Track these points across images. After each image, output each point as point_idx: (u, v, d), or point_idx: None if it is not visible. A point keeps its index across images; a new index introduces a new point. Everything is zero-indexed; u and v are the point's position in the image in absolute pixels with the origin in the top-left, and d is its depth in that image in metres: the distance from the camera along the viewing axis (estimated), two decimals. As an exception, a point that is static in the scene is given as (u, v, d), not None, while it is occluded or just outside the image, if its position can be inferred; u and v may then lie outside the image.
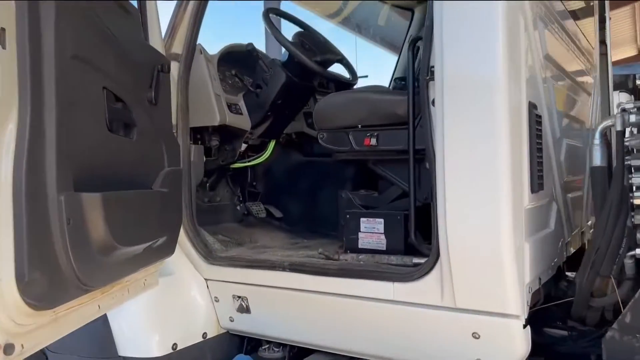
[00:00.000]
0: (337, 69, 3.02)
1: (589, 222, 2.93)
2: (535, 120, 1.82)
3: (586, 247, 2.76)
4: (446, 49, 1.71)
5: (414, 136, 2.04)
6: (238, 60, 2.79)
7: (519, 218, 1.70)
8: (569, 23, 2.64)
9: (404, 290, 1.87)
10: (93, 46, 1.43)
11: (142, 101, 1.77)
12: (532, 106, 1.82)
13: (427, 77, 1.81)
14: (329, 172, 2.96)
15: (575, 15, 2.92)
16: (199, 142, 2.57)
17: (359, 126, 2.36)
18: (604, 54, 3.60)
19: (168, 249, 1.96)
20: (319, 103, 2.52)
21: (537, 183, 1.83)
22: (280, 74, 2.66)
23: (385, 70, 3.93)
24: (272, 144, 2.96)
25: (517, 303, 1.69)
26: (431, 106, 1.81)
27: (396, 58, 3.83)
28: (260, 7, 2.76)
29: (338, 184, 2.78)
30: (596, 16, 3.40)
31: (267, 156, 2.94)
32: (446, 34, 1.70)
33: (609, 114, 3.58)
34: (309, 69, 2.62)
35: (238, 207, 2.99)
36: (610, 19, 3.74)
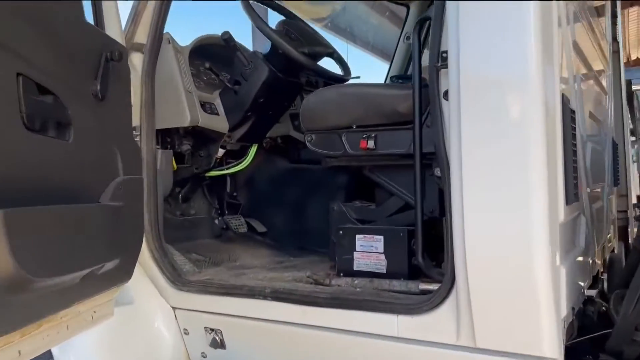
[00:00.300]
0: (328, 66, 2.71)
1: (608, 235, 2.65)
2: (570, 117, 1.51)
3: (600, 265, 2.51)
4: (463, 28, 1.39)
5: (420, 137, 1.73)
6: (213, 54, 2.47)
7: (554, 236, 1.37)
8: (588, 15, 2.37)
9: (411, 325, 1.56)
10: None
11: (85, 95, 1.45)
12: (565, 99, 1.50)
13: (438, 65, 1.51)
14: (319, 181, 2.66)
15: (593, 10, 2.67)
16: (168, 147, 2.26)
17: (354, 126, 2.04)
18: (616, 52, 3.36)
19: (123, 273, 1.65)
20: (307, 99, 2.19)
21: (572, 193, 1.51)
22: (262, 67, 2.33)
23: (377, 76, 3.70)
24: (253, 149, 2.63)
25: (553, 342, 1.37)
26: (443, 100, 1.51)
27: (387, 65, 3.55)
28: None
29: (329, 195, 2.47)
30: (608, 12, 3.16)
31: (248, 163, 2.62)
32: (463, 9, 1.39)
33: (622, 115, 3.36)
34: (295, 62, 2.30)
35: (216, 221, 2.69)
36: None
